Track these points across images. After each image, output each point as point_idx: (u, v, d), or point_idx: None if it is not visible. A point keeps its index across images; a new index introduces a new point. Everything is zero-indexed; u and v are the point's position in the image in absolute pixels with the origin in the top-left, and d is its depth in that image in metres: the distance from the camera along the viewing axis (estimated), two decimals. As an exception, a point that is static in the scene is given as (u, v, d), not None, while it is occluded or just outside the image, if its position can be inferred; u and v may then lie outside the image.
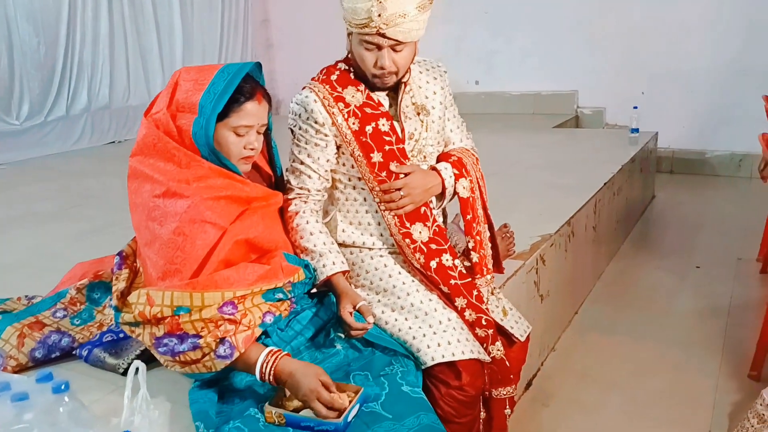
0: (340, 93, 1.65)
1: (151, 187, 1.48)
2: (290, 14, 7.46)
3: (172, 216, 1.43)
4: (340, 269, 1.60)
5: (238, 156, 1.52)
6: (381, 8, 1.48)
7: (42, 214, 3.55)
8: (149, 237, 1.46)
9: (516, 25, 6.06)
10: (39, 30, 5.38)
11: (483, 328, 1.64)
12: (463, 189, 1.74)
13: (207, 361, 1.38)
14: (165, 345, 1.39)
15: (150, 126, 1.50)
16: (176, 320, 1.37)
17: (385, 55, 1.56)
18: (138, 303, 1.40)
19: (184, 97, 1.47)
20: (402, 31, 1.52)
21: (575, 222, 2.90)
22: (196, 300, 1.38)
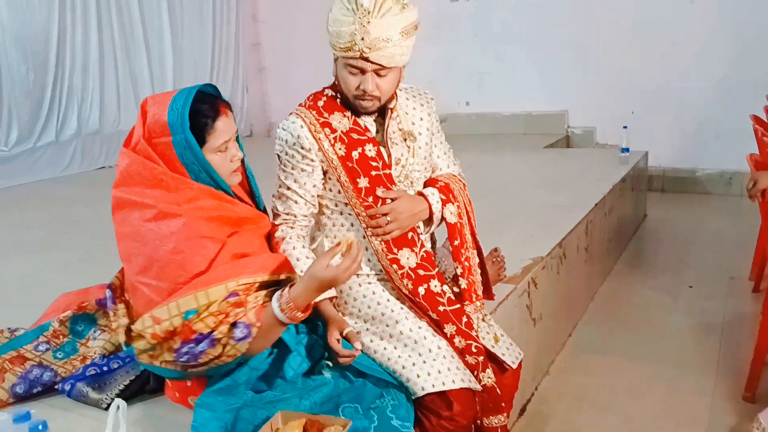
0: (327, 119, 1.64)
1: (140, 213, 1.46)
2: (281, 38, 7.49)
3: (167, 237, 1.43)
4: (327, 296, 1.58)
5: (229, 171, 1.55)
6: (364, 32, 1.48)
7: (29, 243, 3.51)
8: (144, 263, 1.45)
9: (505, 46, 6.09)
10: (28, 56, 5.37)
11: (473, 355, 1.62)
12: (450, 214, 1.73)
13: (229, 350, 1.38)
14: (186, 353, 1.38)
15: (131, 155, 1.49)
16: (188, 325, 1.36)
17: (368, 79, 1.55)
18: (146, 328, 1.39)
19: (153, 120, 1.48)
20: (385, 55, 1.52)
21: (567, 243, 2.89)
22: (202, 299, 1.37)
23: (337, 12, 1.53)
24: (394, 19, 1.50)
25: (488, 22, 6.12)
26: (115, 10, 6.03)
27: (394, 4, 1.50)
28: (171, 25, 6.52)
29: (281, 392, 1.48)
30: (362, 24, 1.47)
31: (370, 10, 1.47)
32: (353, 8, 1.49)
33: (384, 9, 1.49)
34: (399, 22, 1.51)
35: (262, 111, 7.87)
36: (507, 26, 6.04)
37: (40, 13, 5.42)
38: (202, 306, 1.37)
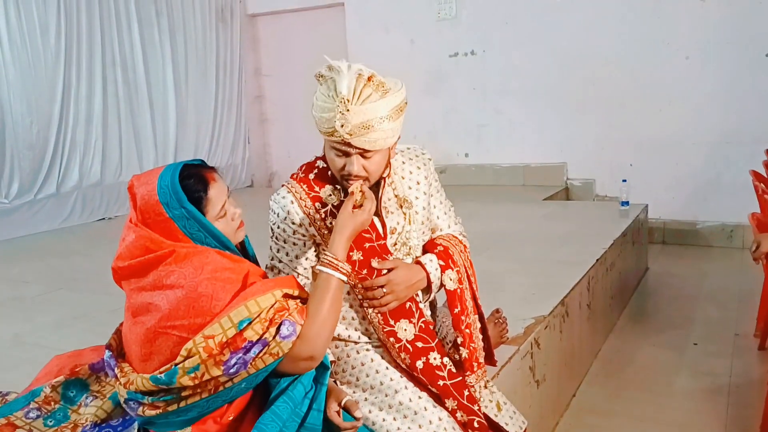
0: (318, 193, 1.63)
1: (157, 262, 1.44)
2: (284, 90, 7.62)
3: (192, 273, 1.41)
4: None
5: (233, 231, 1.55)
6: (344, 120, 1.44)
7: (24, 299, 3.48)
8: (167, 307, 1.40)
9: (504, 99, 6.18)
10: (32, 109, 5.44)
11: (476, 430, 1.57)
12: (450, 281, 1.69)
13: (273, 348, 1.37)
14: (235, 364, 1.36)
15: (137, 230, 1.48)
16: (240, 335, 1.36)
17: (353, 161, 1.52)
18: (198, 345, 1.35)
19: (143, 203, 1.47)
20: (368, 140, 1.48)
21: (569, 301, 2.85)
22: (253, 307, 1.38)
23: (320, 98, 1.51)
24: (374, 106, 1.46)
25: (486, 76, 6.21)
26: (120, 68, 6.13)
27: (373, 91, 1.46)
28: (175, 79, 6.63)
29: None
30: (341, 112, 1.44)
31: (348, 98, 1.44)
32: (333, 95, 1.46)
33: (363, 96, 1.45)
34: (380, 108, 1.46)
35: (263, 161, 7.93)
36: (505, 80, 6.13)
37: (45, 68, 5.51)
38: (254, 314, 1.37)
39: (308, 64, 7.58)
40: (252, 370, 1.38)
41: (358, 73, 1.46)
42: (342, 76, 1.45)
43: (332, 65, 1.48)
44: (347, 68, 1.46)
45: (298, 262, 1.65)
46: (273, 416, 1.38)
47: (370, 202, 1.52)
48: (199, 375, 1.36)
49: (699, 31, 5.30)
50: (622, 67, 5.62)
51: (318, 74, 1.52)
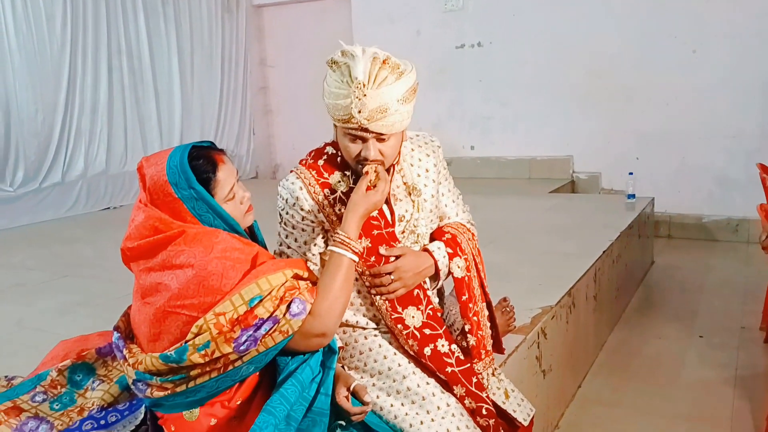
0: (326, 179, 1.61)
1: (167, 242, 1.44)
2: (288, 81, 7.60)
3: (202, 252, 1.41)
4: None
5: (242, 214, 1.55)
6: (361, 105, 1.43)
7: (29, 285, 3.48)
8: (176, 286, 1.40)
9: (510, 91, 6.15)
10: (38, 97, 5.43)
11: (484, 417, 1.56)
12: (457, 268, 1.68)
13: (283, 326, 1.38)
14: (246, 341, 1.36)
15: (148, 210, 1.47)
16: (251, 312, 1.36)
17: (369, 147, 1.50)
18: (208, 321, 1.34)
19: (152, 183, 1.47)
20: (385, 124, 1.47)
21: (576, 292, 2.84)
22: (264, 285, 1.38)
23: (332, 84, 1.48)
24: (389, 89, 1.44)
25: (493, 68, 6.19)
26: (126, 56, 6.12)
27: (389, 74, 1.45)
28: (180, 69, 6.61)
29: None
30: (358, 97, 1.42)
31: (365, 82, 1.42)
32: (347, 81, 1.44)
33: (379, 79, 1.44)
34: (396, 91, 1.45)
35: (267, 153, 7.92)
36: (511, 72, 6.10)
37: (51, 57, 5.50)
38: (265, 291, 1.38)
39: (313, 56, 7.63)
40: (262, 348, 1.38)
41: (373, 57, 1.45)
42: (357, 61, 1.44)
43: (346, 50, 1.46)
44: (362, 52, 1.45)
45: (307, 248, 1.64)
46: (281, 399, 1.37)
47: (383, 182, 1.51)
48: (209, 352, 1.36)
49: (705, 24, 5.26)
50: (628, 60, 5.59)
51: (330, 60, 1.49)
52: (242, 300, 1.36)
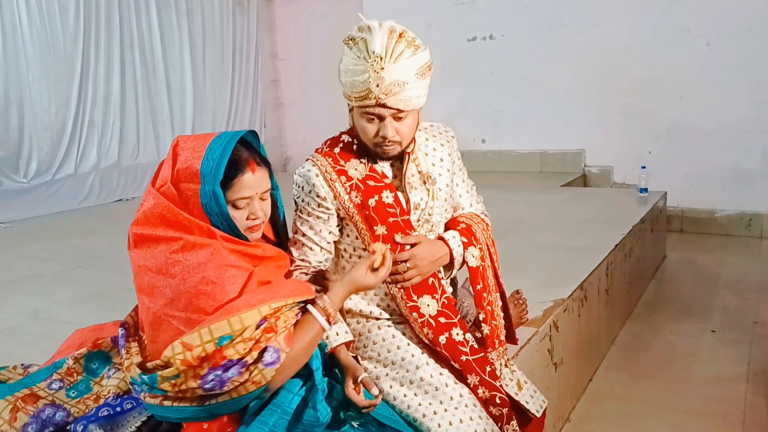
0: (343, 166, 1.62)
1: (166, 246, 1.45)
2: (299, 74, 7.61)
3: (195, 268, 1.40)
4: (344, 340, 1.55)
5: (243, 227, 1.51)
6: (379, 79, 1.44)
7: (43, 276, 3.51)
8: (171, 295, 1.42)
9: (521, 84, 6.13)
10: (51, 89, 5.47)
11: (497, 406, 1.56)
12: (472, 258, 1.69)
13: (255, 376, 1.35)
14: (212, 380, 1.34)
15: (158, 197, 1.47)
16: (220, 351, 1.34)
17: (387, 125, 1.52)
18: (176, 355, 1.35)
19: (184, 166, 1.45)
20: (402, 99, 1.48)
21: (588, 285, 2.83)
22: (236, 324, 1.35)
23: (349, 62, 1.49)
24: (407, 62, 1.46)
25: (505, 61, 6.16)
26: (138, 49, 6.15)
27: (406, 48, 1.46)
28: (192, 62, 6.64)
29: None
30: (375, 71, 1.44)
31: (382, 55, 1.44)
32: (365, 56, 1.45)
33: (396, 53, 1.45)
34: (413, 65, 1.47)
35: (278, 146, 7.93)
36: (523, 65, 6.08)
37: (65, 49, 5.53)
38: (236, 332, 1.35)
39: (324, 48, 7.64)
40: (234, 395, 1.36)
41: (390, 30, 1.46)
42: (374, 34, 1.45)
43: (362, 25, 1.48)
44: (378, 26, 1.46)
45: (322, 236, 1.64)
46: (259, 424, 1.38)
47: (385, 269, 1.47)
48: (178, 383, 1.37)
49: (720, 17, 5.21)
50: (641, 53, 5.55)
51: (348, 38, 1.50)
52: (211, 337, 1.33)
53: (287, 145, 8.00)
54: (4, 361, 2.03)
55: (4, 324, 2.72)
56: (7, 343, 2.47)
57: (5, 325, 2.70)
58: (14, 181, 5.29)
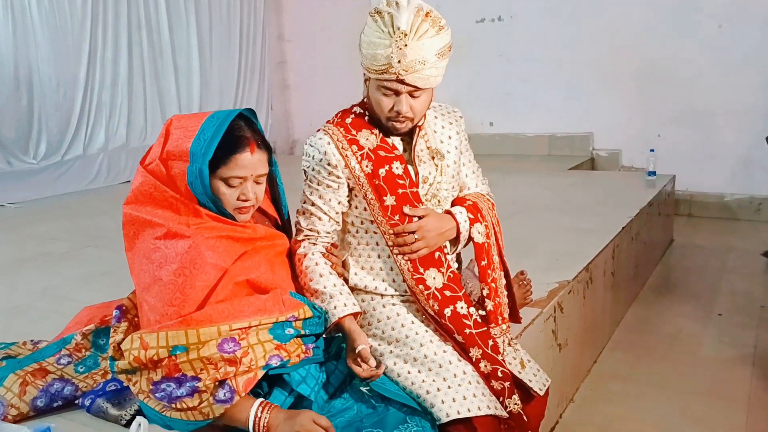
0: (354, 136, 1.64)
1: (151, 231, 1.46)
2: (306, 56, 7.58)
3: (173, 258, 1.41)
4: (351, 311, 1.57)
5: (232, 207, 1.51)
6: (401, 55, 1.47)
7: (53, 255, 3.54)
8: (148, 280, 1.43)
9: (530, 67, 6.08)
10: (59, 71, 5.48)
11: (499, 380, 1.57)
12: (478, 234, 1.70)
13: (204, 407, 1.34)
14: (163, 390, 1.35)
15: (145, 175, 1.48)
16: (173, 361, 1.33)
17: (402, 101, 1.55)
18: (132, 348, 1.36)
19: (175, 145, 1.46)
20: (421, 77, 1.51)
21: (594, 267, 2.83)
22: (192, 337, 1.34)
23: (372, 35, 1.51)
24: (430, 42, 1.49)
25: (513, 44, 6.11)
26: (146, 30, 6.14)
27: (430, 27, 1.49)
28: (199, 43, 6.63)
29: None
30: (399, 47, 1.47)
31: (407, 32, 1.46)
32: (389, 31, 1.47)
33: (421, 31, 1.48)
34: (435, 44, 1.50)
35: (285, 128, 7.93)
36: (532, 47, 6.03)
37: (72, 31, 5.54)
38: (192, 345, 1.34)
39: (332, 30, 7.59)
40: (183, 417, 1.35)
41: (417, 8, 1.48)
42: (402, 11, 1.47)
43: (390, 0, 1.50)
44: (407, 3, 1.48)
45: (330, 206, 1.66)
46: None
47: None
48: (132, 379, 1.38)
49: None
50: (651, 34, 5.49)
51: (374, 10, 1.52)
52: (166, 343, 1.33)
53: (293, 128, 8.00)
54: (14, 337, 2.07)
55: (15, 301, 2.75)
56: (17, 320, 2.50)
57: (16, 303, 2.73)
58: (24, 162, 5.32)
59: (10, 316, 2.55)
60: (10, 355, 1.88)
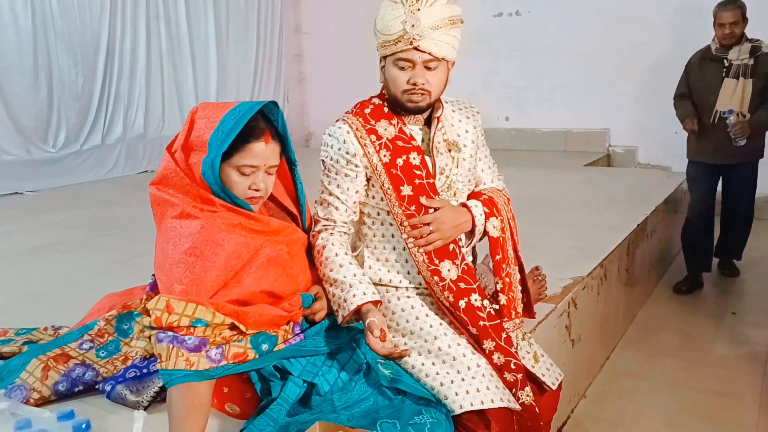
0: (373, 126, 1.66)
1: (171, 210, 1.51)
2: (322, 49, 7.58)
3: (185, 237, 1.45)
4: (370, 299, 1.59)
5: (243, 196, 1.54)
6: (414, 20, 1.52)
7: (71, 243, 3.59)
8: (162, 258, 1.48)
9: (547, 62, 6.05)
10: (78, 61, 5.53)
11: (512, 372, 1.59)
12: (493, 228, 1.71)
13: (193, 356, 1.39)
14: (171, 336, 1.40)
15: (169, 160, 1.53)
16: (189, 331, 1.40)
17: (418, 72, 1.57)
18: (156, 308, 1.40)
19: (197, 135, 1.50)
20: (436, 43, 1.55)
21: (608, 264, 2.83)
22: (218, 318, 1.41)
23: (385, 11, 1.58)
24: (442, 9, 1.55)
25: (531, 38, 6.09)
26: (164, 21, 6.18)
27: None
28: (216, 35, 6.65)
29: (318, 411, 1.47)
30: (412, 12, 1.53)
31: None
32: (402, 1, 1.54)
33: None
34: (447, 12, 1.56)
35: (300, 121, 7.95)
36: (549, 42, 6.00)
37: (91, 20, 5.58)
38: (214, 324, 1.42)
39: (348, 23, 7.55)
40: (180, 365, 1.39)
41: None
42: None
43: None
44: None
45: (348, 195, 1.67)
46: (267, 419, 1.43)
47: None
48: (145, 332, 1.47)
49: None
50: (668, 30, 5.44)
51: None
52: (191, 315, 1.39)
53: (309, 121, 8.02)
54: (34, 323, 2.11)
55: (34, 288, 2.80)
56: (36, 307, 2.54)
57: (34, 290, 2.78)
58: (43, 150, 5.38)
59: (28, 303, 2.60)
60: (31, 341, 1.92)
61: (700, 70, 3.71)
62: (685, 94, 3.83)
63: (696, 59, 3.80)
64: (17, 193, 5.12)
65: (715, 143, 3.63)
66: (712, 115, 3.59)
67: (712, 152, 3.67)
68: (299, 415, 1.45)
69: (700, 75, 3.70)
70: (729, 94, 3.51)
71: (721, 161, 3.69)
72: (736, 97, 3.49)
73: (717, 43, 3.63)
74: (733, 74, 3.52)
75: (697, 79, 3.72)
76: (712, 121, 3.60)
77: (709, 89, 3.62)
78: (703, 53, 3.77)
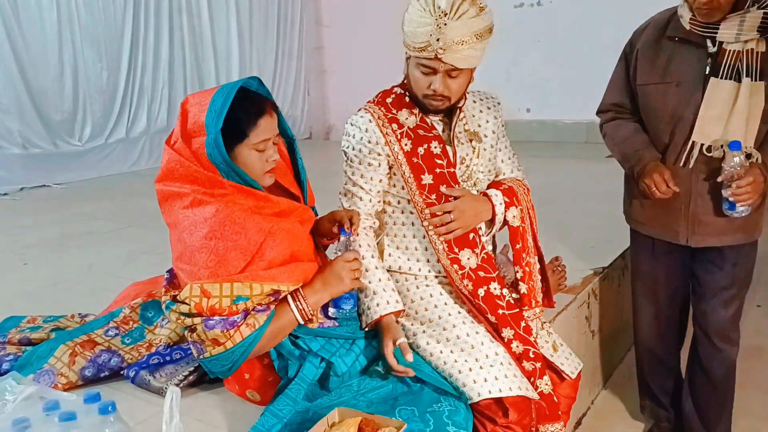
0: (395, 115, 1.67)
1: (180, 202, 1.51)
2: (343, 42, 7.59)
3: (201, 223, 1.45)
4: (393, 309, 1.60)
5: (262, 171, 1.54)
6: (440, 33, 1.50)
7: (97, 234, 3.66)
8: (181, 249, 1.48)
9: (569, 52, 6.00)
10: (102, 55, 5.62)
11: (530, 360, 1.59)
12: (513, 218, 1.71)
13: (250, 320, 1.42)
14: (221, 320, 1.41)
15: (171, 153, 1.53)
16: (233, 309, 1.41)
17: (439, 79, 1.57)
18: (192, 296, 1.41)
19: (193, 121, 1.50)
20: (459, 57, 1.53)
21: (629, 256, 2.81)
22: (256, 289, 1.43)
23: (414, 12, 1.55)
24: (470, 22, 1.51)
25: (552, 29, 6.04)
26: (186, 15, 6.24)
27: (470, 7, 1.51)
28: (238, 29, 6.71)
29: (337, 396, 1.49)
30: (438, 25, 1.49)
31: (446, 11, 1.49)
32: (430, 10, 1.51)
33: (461, 11, 1.50)
34: (475, 25, 1.52)
35: (321, 114, 7.97)
36: (571, 32, 5.94)
37: (115, 15, 5.66)
38: (255, 296, 1.42)
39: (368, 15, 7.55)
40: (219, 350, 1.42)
41: None
42: None
43: None
44: None
45: (372, 184, 1.68)
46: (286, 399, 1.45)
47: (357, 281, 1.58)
48: (186, 321, 1.43)
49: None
50: (697, 20, 5.35)
51: None
52: (230, 293, 1.41)
53: (330, 113, 8.04)
54: (61, 310, 2.16)
55: (62, 277, 2.87)
56: (64, 295, 2.60)
57: (62, 278, 2.84)
58: (70, 144, 5.48)
59: (57, 291, 2.66)
60: (59, 327, 1.97)
61: (657, 60, 1.98)
62: (625, 109, 2.17)
63: (650, 38, 2.07)
64: (45, 186, 5.22)
65: (687, 208, 1.95)
66: (683, 152, 1.90)
67: (682, 224, 1.98)
68: (318, 399, 1.47)
69: (659, 70, 1.96)
70: (718, 112, 1.82)
71: (698, 243, 1.99)
72: (735, 116, 1.80)
73: (690, 11, 1.88)
74: (727, 70, 1.80)
75: (652, 77, 1.99)
76: (682, 164, 1.90)
77: (676, 100, 1.90)
78: (661, 27, 2.04)
